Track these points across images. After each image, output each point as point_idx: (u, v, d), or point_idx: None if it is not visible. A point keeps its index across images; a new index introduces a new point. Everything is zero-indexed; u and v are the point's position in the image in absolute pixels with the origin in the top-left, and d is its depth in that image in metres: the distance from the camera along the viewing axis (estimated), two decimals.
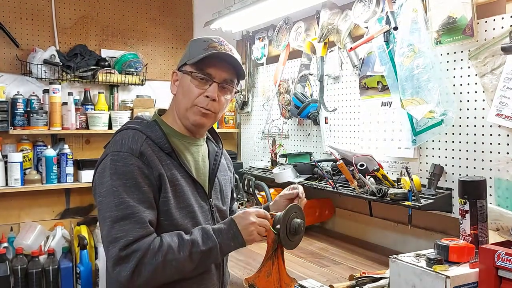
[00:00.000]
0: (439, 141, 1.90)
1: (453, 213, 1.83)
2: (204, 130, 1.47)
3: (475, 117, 1.75)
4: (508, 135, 1.64)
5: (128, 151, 1.27)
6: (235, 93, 1.46)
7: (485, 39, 1.69)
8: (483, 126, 1.73)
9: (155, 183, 1.28)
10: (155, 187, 1.28)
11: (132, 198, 1.23)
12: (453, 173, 1.85)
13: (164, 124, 1.41)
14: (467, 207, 1.36)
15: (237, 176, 2.83)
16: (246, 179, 2.79)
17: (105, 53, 3.25)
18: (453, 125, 1.81)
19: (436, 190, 1.86)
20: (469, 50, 1.74)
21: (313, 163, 2.43)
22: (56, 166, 2.91)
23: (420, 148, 1.99)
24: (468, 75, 1.77)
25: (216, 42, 1.39)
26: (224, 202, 1.51)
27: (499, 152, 1.67)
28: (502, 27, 1.64)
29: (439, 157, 1.91)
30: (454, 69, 1.83)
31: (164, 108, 1.50)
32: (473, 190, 1.37)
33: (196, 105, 1.36)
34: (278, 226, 1.35)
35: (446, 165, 1.87)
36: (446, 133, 1.86)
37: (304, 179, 2.49)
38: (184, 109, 1.37)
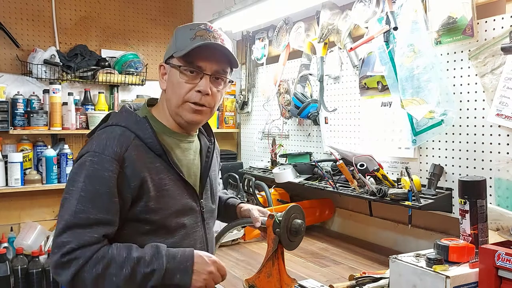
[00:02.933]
0: (439, 141, 1.90)
1: (453, 213, 1.83)
2: (199, 126, 1.40)
3: (475, 117, 1.76)
4: (508, 135, 1.64)
5: (110, 155, 1.18)
6: (229, 82, 1.36)
7: (485, 39, 1.69)
8: (483, 126, 1.73)
9: (132, 194, 1.20)
10: (127, 200, 1.20)
11: (97, 207, 1.15)
12: (453, 173, 1.85)
13: (154, 120, 1.32)
14: (467, 207, 1.36)
15: (237, 176, 2.83)
16: (246, 179, 2.79)
17: (105, 53, 3.25)
18: (453, 125, 1.81)
19: (436, 190, 1.86)
20: (469, 50, 1.74)
21: (313, 163, 2.43)
22: (56, 166, 2.91)
23: (420, 148, 1.99)
24: (468, 75, 1.78)
25: (203, 29, 1.28)
26: (214, 201, 1.46)
27: (499, 152, 1.67)
28: (502, 27, 1.65)
29: (439, 157, 1.91)
30: (454, 69, 1.83)
31: (154, 97, 1.42)
32: (473, 190, 1.37)
33: (187, 101, 1.27)
34: (278, 227, 1.35)
35: (446, 165, 1.87)
36: (446, 133, 1.86)
37: (304, 179, 2.49)
38: (176, 106, 1.29)
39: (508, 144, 1.65)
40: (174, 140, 1.34)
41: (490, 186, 1.66)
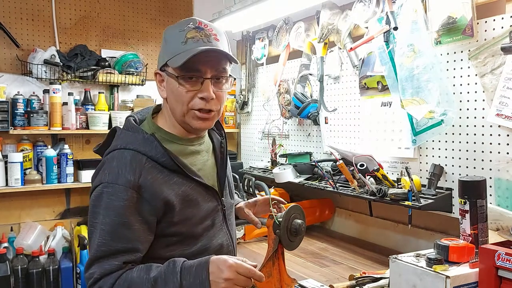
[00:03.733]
0: (439, 141, 1.90)
1: (453, 213, 1.83)
2: (207, 130, 1.38)
3: (475, 117, 1.76)
4: (508, 135, 1.64)
5: (124, 184, 1.16)
6: (232, 79, 1.29)
7: (485, 39, 1.69)
8: (483, 126, 1.73)
9: (157, 214, 1.19)
10: (152, 221, 1.19)
11: (116, 238, 1.15)
12: (453, 173, 1.85)
13: (161, 131, 1.28)
14: (467, 207, 1.36)
15: (237, 176, 2.83)
16: (246, 179, 2.79)
17: (105, 53, 3.26)
18: (453, 125, 1.81)
19: (436, 190, 1.86)
20: (469, 50, 1.74)
21: (313, 163, 2.43)
22: (56, 166, 2.92)
23: (420, 148, 1.99)
24: (468, 75, 1.78)
25: (192, 28, 1.20)
26: (232, 195, 1.46)
27: (499, 152, 1.67)
28: (502, 27, 1.65)
29: (439, 157, 1.91)
30: (454, 69, 1.83)
31: (159, 104, 1.37)
32: (473, 190, 1.37)
33: (192, 108, 1.23)
34: (278, 227, 1.35)
35: (446, 165, 1.87)
36: (446, 133, 1.86)
37: (304, 179, 2.49)
38: (181, 115, 1.24)
39: (508, 144, 1.65)
40: (185, 146, 1.31)
41: (490, 186, 1.66)
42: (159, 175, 1.21)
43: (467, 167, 1.80)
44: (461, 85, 1.80)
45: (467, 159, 1.80)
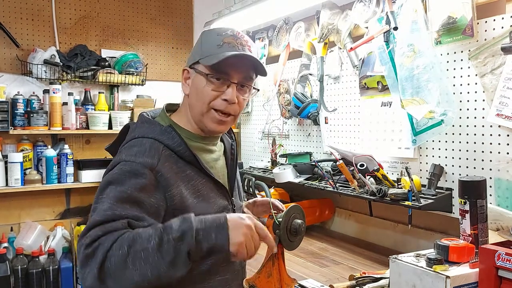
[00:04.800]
0: (439, 141, 1.90)
1: (453, 213, 1.83)
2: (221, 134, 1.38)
3: (475, 117, 1.76)
4: (508, 135, 1.64)
5: (142, 163, 1.15)
6: (255, 90, 1.34)
7: (485, 39, 1.69)
8: (483, 126, 1.73)
9: (166, 202, 1.17)
10: (160, 208, 1.15)
11: (123, 206, 1.08)
12: (453, 173, 1.85)
13: (177, 127, 1.29)
14: (467, 207, 1.36)
15: None
16: (246, 179, 2.79)
17: (105, 53, 3.26)
18: (453, 125, 1.81)
19: (436, 190, 1.86)
20: (469, 50, 1.74)
21: (313, 163, 2.43)
22: (56, 166, 2.92)
23: (420, 148, 1.99)
24: (468, 75, 1.78)
25: (230, 35, 1.25)
26: (241, 197, 1.48)
27: (499, 152, 1.67)
28: (502, 27, 1.65)
29: (439, 157, 1.91)
30: (454, 69, 1.83)
31: (171, 103, 1.38)
32: (473, 190, 1.37)
33: (213, 108, 1.25)
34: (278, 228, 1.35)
35: (446, 165, 1.87)
36: (446, 133, 1.86)
37: (304, 179, 2.49)
38: (200, 114, 1.26)
39: (508, 144, 1.65)
40: (200, 144, 1.32)
41: (490, 186, 1.66)
42: (174, 165, 1.22)
43: (467, 167, 1.80)
44: (461, 85, 1.80)
45: (467, 159, 1.79)
